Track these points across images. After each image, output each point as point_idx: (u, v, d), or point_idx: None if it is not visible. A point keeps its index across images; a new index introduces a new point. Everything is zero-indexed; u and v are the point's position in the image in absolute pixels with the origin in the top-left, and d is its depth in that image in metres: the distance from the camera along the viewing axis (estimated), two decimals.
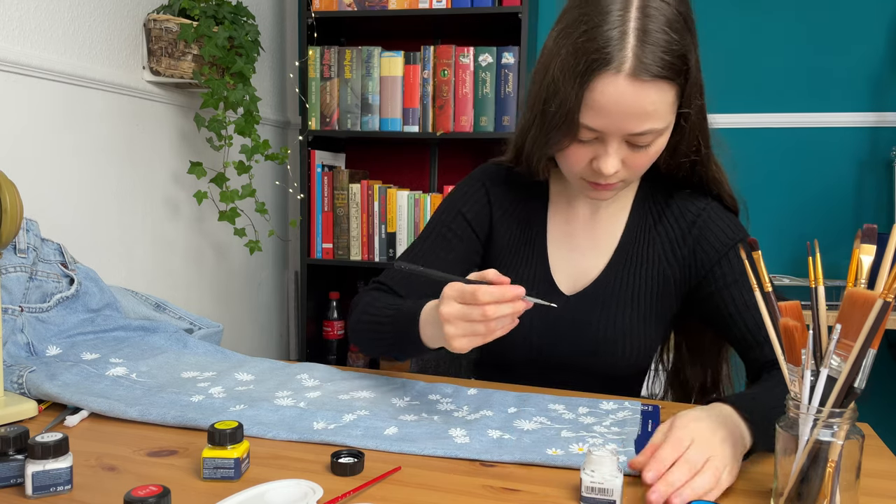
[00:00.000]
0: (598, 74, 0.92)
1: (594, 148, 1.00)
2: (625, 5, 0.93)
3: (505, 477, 0.83)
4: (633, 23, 0.92)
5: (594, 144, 1.00)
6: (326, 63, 2.58)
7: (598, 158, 1.00)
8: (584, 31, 0.94)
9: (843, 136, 2.62)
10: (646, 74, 0.92)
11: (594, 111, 0.95)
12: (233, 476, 0.80)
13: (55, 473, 0.76)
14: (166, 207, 2.14)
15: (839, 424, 0.70)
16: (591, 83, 0.93)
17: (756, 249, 0.81)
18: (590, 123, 0.96)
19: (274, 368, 1.22)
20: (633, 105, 0.94)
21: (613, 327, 1.14)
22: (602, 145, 0.99)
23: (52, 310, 1.25)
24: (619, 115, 0.95)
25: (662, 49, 0.92)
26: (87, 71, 1.77)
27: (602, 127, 0.96)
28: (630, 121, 0.95)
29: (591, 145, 1.00)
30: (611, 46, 0.91)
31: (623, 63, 0.91)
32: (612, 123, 0.96)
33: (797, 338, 0.72)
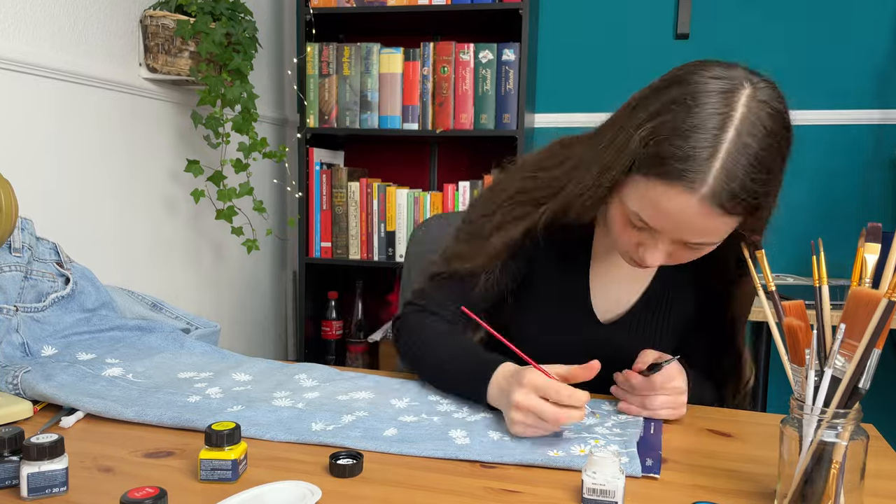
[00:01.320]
0: (672, 183, 0.88)
1: (643, 235, 0.97)
2: (722, 124, 0.86)
3: (506, 478, 0.83)
4: (725, 146, 0.86)
5: (644, 232, 0.97)
6: (325, 60, 2.58)
7: (644, 247, 0.98)
8: (670, 120, 0.88)
9: (847, 133, 2.62)
10: (717, 207, 0.87)
11: (651, 209, 0.92)
12: (230, 478, 0.80)
13: (51, 475, 0.76)
14: (163, 206, 2.14)
15: (843, 425, 0.70)
16: (658, 183, 0.89)
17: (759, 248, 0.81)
18: (644, 217, 0.93)
19: (272, 369, 1.22)
20: (695, 224, 0.90)
21: None
22: (651, 237, 0.97)
23: (48, 309, 1.25)
24: (678, 226, 0.92)
25: (742, 188, 0.87)
26: (82, 68, 1.76)
27: (660, 227, 0.93)
28: (689, 233, 0.93)
29: (641, 232, 0.97)
30: (696, 163, 0.86)
31: (702, 186, 0.86)
32: (668, 228, 0.93)
33: (801, 338, 0.72)
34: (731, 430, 1.02)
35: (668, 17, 2.68)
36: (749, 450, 0.95)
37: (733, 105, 0.87)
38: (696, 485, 0.83)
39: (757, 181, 0.87)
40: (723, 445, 0.96)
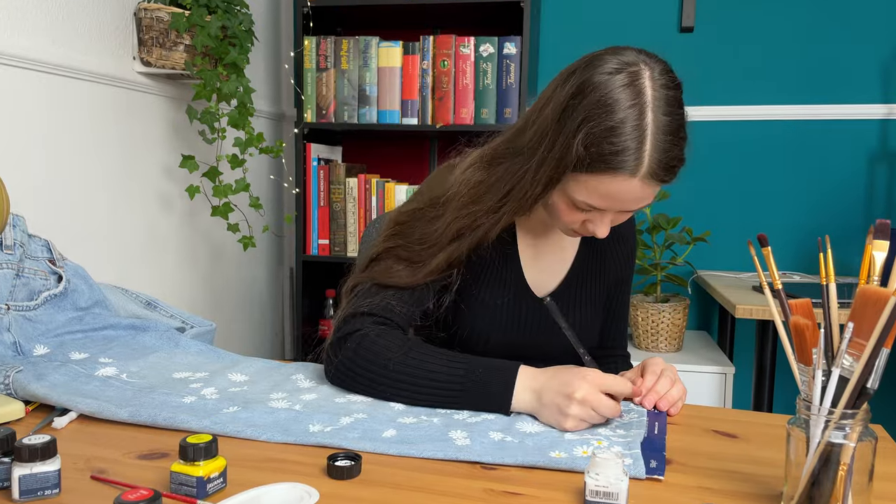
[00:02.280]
0: (613, 173, 1.01)
1: (589, 213, 1.10)
2: (640, 113, 0.99)
3: (507, 480, 0.83)
4: (649, 131, 1.00)
5: (589, 212, 1.10)
6: (323, 53, 2.58)
7: (592, 223, 1.11)
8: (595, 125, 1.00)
9: (853, 128, 2.61)
10: (655, 180, 1.03)
11: (599, 197, 1.05)
12: (195, 495, 0.76)
13: (43, 477, 0.76)
14: (157, 202, 2.14)
15: (851, 426, 0.70)
16: (601, 175, 1.02)
17: (766, 245, 0.81)
18: (594, 204, 1.06)
19: (268, 369, 1.22)
20: (639, 197, 1.05)
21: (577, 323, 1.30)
22: (598, 214, 1.10)
23: (40, 308, 1.25)
24: (623, 203, 1.06)
25: (672, 157, 1.02)
26: (75, 61, 1.76)
27: (606, 207, 1.07)
28: (631, 205, 1.07)
29: (586, 212, 1.10)
30: (628, 154, 0.99)
31: (640, 168, 1.00)
32: (615, 206, 1.07)
33: (808, 337, 0.72)
34: (737, 431, 1.02)
35: (672, 9, 2.68)
36: (755, 451, 0.95)
37: (642, 91, 1.00)
38: (701, 486, 0.83)
39: (679, 146, 1.03)
40: (728, 446, 0.96)
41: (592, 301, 1.33)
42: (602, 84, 1.00)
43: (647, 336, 2.45)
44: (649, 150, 1.00)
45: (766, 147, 2.68)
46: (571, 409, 0.97)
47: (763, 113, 2.66)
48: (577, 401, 0.97)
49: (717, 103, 2.67)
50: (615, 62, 1.02)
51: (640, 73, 1.01)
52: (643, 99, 1.00)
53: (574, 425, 0.97)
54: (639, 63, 1.02)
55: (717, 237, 2.65)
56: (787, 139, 2.66)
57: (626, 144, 0.99)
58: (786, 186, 2.68)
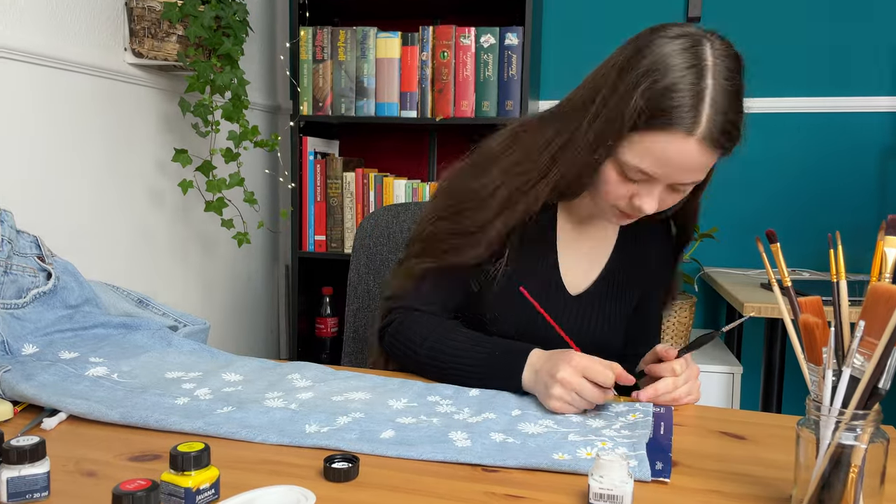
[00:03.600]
0: (670, 130, 1.03)
1: (638, 187, 1.12)
2: (699, 73, 1.03)
3: (508, 483, 0.83)
4: (709, 91, 1.03)
5: (638, 184, 1.11)
6: (319, 44, 2.58)
7: (639, 197, 1.12)
8: (655, 81, 1.03)
9: (864, 121, 2.61)
10: (713, 142, 1.04)
11: (653, 159, 1.06)
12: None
13: (31, 479, 0.76)
14: (149, 197, 2.14)
15: (863, 427, 0.70)
16: (658, 134, 1.04)
17: (774, 242, 0.81)
18: (647, 169, 1.08)
19: (263, 368, 1.22)
20: (694, 163, 1.06)
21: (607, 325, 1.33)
22: (647, 186, 1.11)
23: (29, 306, 1.25)
24: (679, 169, 1.07)
25: (731, 123, 1.05)
26: (64, 52, 1.76)
27: (659, 175, 1.08)
28: (685, 174, 1.08)
29: (636, 184, 1.11)
30: (686, 111, 1.02)
31: (696, 127, 1.02)
32: (669, 174, 1.08)
33: (818, 335, 0.72)
34: (745, 433, 1.02)
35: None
36: (763, 453, 0.95)
37: (703, 57, 1.03)
38: (709, 489, 0.83)
39: (738, 113, 1.06)
40: (736, 448, 0.96)
41: (623, 305, 1.35)
42: (662, 45, 1.04)
43: None
44: (707, 110, 1.02)
45: (774, 140, 2.68)
46: (554, 390, 1.03)
47: (771, 105, 2.65)
48: (558, 381, 1.02)
49: None
50: (677, 30, 1.06)
51: (702, 42, 1.05)
52: (703, 63, 1.03)
53: (557, 406, 1.03)
54: (700, 34, 1.06)
55: (725, 233, 2.65)
56: (796, 132, 2.66)
57: (685, 101, 1.02)
58: (795, 181, 2.67)
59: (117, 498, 0.68)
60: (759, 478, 0.86)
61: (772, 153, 2.68)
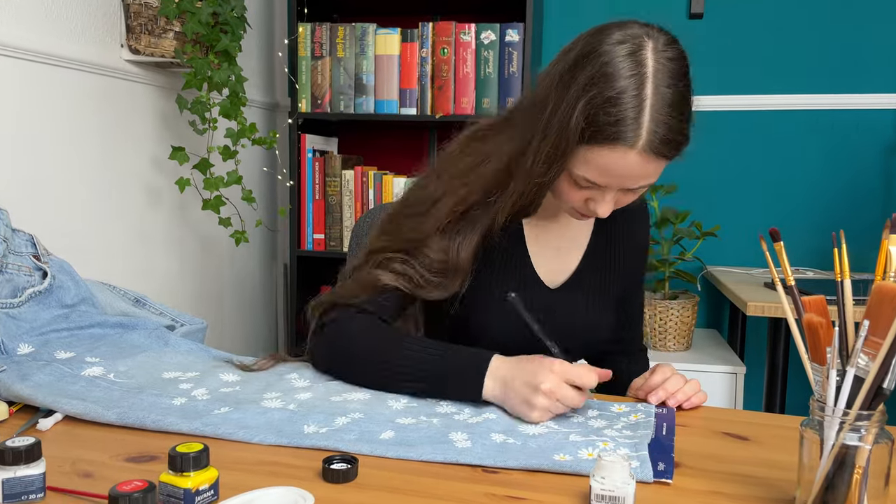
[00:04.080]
0: (611, 145, 1.03)
1: (591, 192, 1.12)
2: (640, 83, 1.01)
3: (509, 484, 0.83)
4: (648, 101, 1.01)
5: (591, 189, 1.11)
6: (317, 41, 2.57)
7: (594, 202, 1.13)
8: (595, 95, 1.02)
9: (869, 118, 2.61)
10: (655, 151, 1.03)
11: (598, 171, 1.07)
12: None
13: (27, 480, 0.76)
14: (146, 195, 2.14)
15: (867, 428, 0.70)
16: (600, 148, 1.04)
17: (778, 240, 0.81)
18: (592, 179, 1.08)
19: None
20: (639, 172, 1.06)
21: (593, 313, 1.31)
22: (599, 191, 1.11)
23: (24, 305, 1.25)
24: (623, 178, 1.07)
25: (673, 131, 1.03)
26: (60, 49, 1.76)
27: (607, 183, 1.08)
28: (633, 181, 1.08)
29: (588, 190, 1.12)
30: (626, 125, 1.01)
31: (637, 141, 1.02)
32: (616, 182, 1.08)
33: (822, 335, 0.72)
34: (748, 433, 1.02)
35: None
36: (767, 454, 0.95)
37: (643, 63, 1.02)
38: (711, 490, 0.83)
39: (680, 119, 1.04)
40: (739, 449, 0.96)
41: (607, 291, 1.33)
42: (604, 54, 1.03)
43: (655, 334, 2.45)
44: (647, 122, 1.01)
45: (778, 138, 2.68)
46: (538, 401, 1.00)
47: (774, 102, 2.65)
48: (543, 392, 1.00)
49: (726, 92, 2.67)
50: (619, 34, 1.05)
51: (643, 45, 1.03)
52: (644, 70, 1.02)
53: (540, 416, 1.01)
54: (642, 35, 1.04)
55: (728, 232, 2.65)
56: (799, 129, 2.66)
57: (625, 114, 1.01)
58: (799, 179, 2.67)
59: (114, 499, 0.68)
60: (763, 479, 0.86)
61: (775, 150, 2.68)
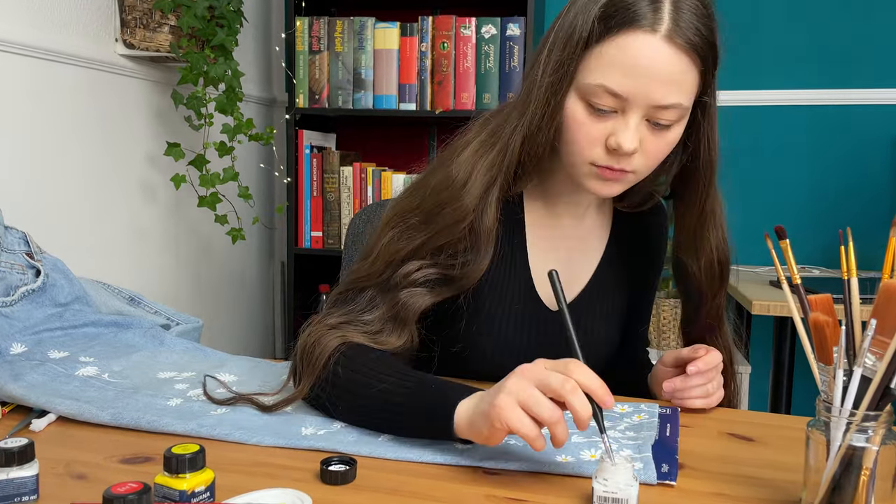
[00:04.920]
0: (632, 30, 0.95)
1: (612, 123, 1.01)
2: None
3: (510, 485, 0.83)
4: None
5: (612, 119, 1.00)
6: (315, 35, 2.57)
7: (615, 134, 1.00)
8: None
9: (877, 113, 2.61)
10: (681, 39, 0.95)
11: (622, 71, 0.97)
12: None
13: (20, 482, 0.75)
14: (141, 192, 2.14)
15: (874, 428, 0.70)
16: (617, 38, 0.96)
17: (784, 238, 0.81)
18: (615, 86, 0.97)
19: (258, 368, 1.22)
20: (665, 69, 0.96)
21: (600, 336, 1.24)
22: (621, 118, 1.00)
23: (17, 304, 1.25)
24: (649, 80, 0.97)
25: (697, 20, 0.97)
26: (53, 43, 1.76)
27: (628, 91, 0.97)
28: (659, 87, 0.97)
29: (609, 120, 1.01)
30: (644, 4, 0.95)
31: (659, 24, 0.95)
32: (640, 87, 0.97)
33: (828, 334, 0.72)
34: (753, 434, 1.01)
35: None
36: (772, 455, 0.94)
37: None
38: (716, 492, 0.83)
39: (706, 17, 0.98)
40: (744, 450, 0.96)
41: (617, 309, 1.27)
42: None
43: (656, 333, 2.45)
44: (669, 7, 0.96)
45: (783, 133, 2.67)
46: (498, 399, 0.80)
47: (780, 98, 2.65)
48: (503, 392, 0.81)
49: (730, 88, 2.66)
50: None
51: None
52: None
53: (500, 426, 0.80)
54: None
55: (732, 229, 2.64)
56: (806, 125, 2.66)
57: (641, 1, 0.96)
58: (805, 175, 2.67)
59: (108, 501, 0.68)
60: (768, 481, 0.86)
61: (781, 146, 2.68)
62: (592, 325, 1.23)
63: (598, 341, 1.24)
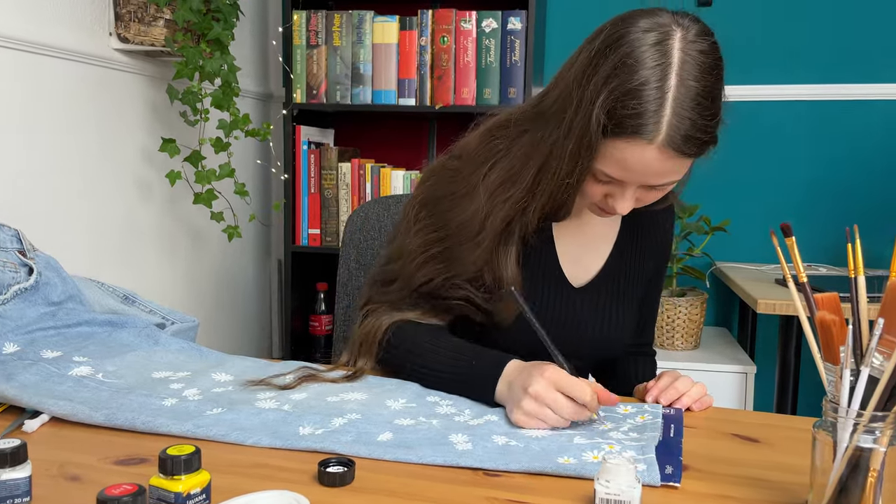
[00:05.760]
0: (631, 139, 1.01)
1: (611, 187, 1.11)
2: (663, 75, 0.99)
3: (511, 488, 0.83)
4: (671, 94, 0.99)
5: (611, 184, 1.10)
6: (313, 29, 2.57)
7: (613, 198, 1.12)
8: (617, 86, 1.00)
9: (884, 109, 2.61)
10: (674, 150, 1.01)
11: (616, 166, 1.05)
12: None
13: (12, 484, 0.76)
14: (136, 189, 2.14)
15: (882, 429, 0.70)
16: (619, 142, 1.02)
17: (790, 235, 0.81)
18: (610, 174, 1.07)
19: (255, 367, 1.22)
20: (657, 169, 1.04)
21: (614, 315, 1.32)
22: (619, 187, 1.10)
23: (9, 303, 1.25)
24: (642, 174, 1.06)
25: (697, 128, 1.01)
26: (47, 37, 1.75)
27: (622, 178, 1.07)
28: (651, 178, 1.07)
29: (608, 185, 1.11)
30: (647, 117, 1.00)
31: (656, 136, 1.00)
32: (632, 178, 1.07)
33: (835, 333, 0.72)
34: (759, 435, 1.02)
35: None
36: (778, 456, 0.95)
37: (669, 53, 1.00)
38: (721, 494, 0.83)
39: (705, 116, 1.02)
40: (749, 451, 0.96)
41: (630, 293, 1.33)
42: (627, 43, 1.01)
43: (662, 333, 2.45)
44: (669, 116, 0.99)
45: (789, 129, 2.67)
46: (524, 403, 0.99)
47: (786, 93, 2.65)
48: (529, 395, 0.99)
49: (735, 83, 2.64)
50: (645, 22, 1.02)
51: (671, 34, 1.01)
52: (669, 60, 1.00)
53: (523, 420, 0.99)
54: (671, 23, 1.02)
55: (738, 226, 2.65)
56: (812, 121, 2.66)
57: (645, 107, 0.99)
58: (811, 172, 2.67)
59: (102, 503, 0.68)
60: (774, 482, 0.86)
61: (788, 142, 2.67)
62: (611, 307, 1.31)
63: (621, 321, 1.32)
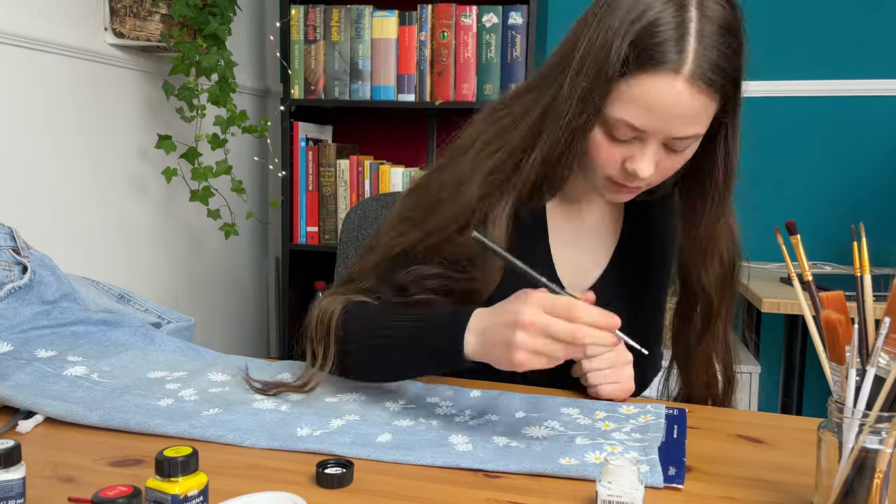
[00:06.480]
0: (656, 71, 0.97)
1: (629, 148, 1.05)
2: (682, 4, 0.97)
3: (512, 489, 0.83)
4: (693, 24, 0.97)
5: (630, 145, 1.04)
6: (311, 24, 2.57)
7: (632, 160, 1.04)
8: (636, 19, 0.97)
9: (890, 105, 2.60)
10: (702, 81, 0.97)
11: (641, 109, 0.99)
12: None
13: (6, 486, 0.75)
14: (131, 186, 2.14)
15: (888, 430, 0.70)
16: (642, 77, 0.98)
17: (795, 233, 0.81)
18: (634, 122, 1.01)
19: (252, 367, 1.22)
20: (686, 108, 0.99)
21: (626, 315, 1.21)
22: (640, 146, 1.04)
23: (3, 302, 1.25)
24: (668, 117, 1.00)
25: (721, 56, 0.98)
26: (40, 32, 1.75)
27: (647, 126, 1.01)
28: (679, 123, 1.01)
29: (627, 145, 1.04)
30: (670, 46, 0.96)
31: (683, 64, 0.96)
32: (658, 124, 1.00)
33: (841, 333, 0.72)
34: (763, 436, 1.02)
35: None
36: (783, 457, 0.95)
37: None
38: (725, 496, 0.83)
39: (732, 46, 0.99)
40: (754, 452, 0.96)
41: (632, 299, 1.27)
42: None
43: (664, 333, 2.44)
44: (693, 43, 0.96)
45: (794, 126, 2.67)
46: (517, 338, 0.89)
47: (790, 89, 2.65)
48: (521, 325, 0.89)
49: None
50: None
51: None
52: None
53: (526, 358, 0.90)
54: None
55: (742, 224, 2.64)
56: (817, 117, 2.65)
57: (667, 36, 0.96)
58: (816, 169, 2.67)
59: None
60: (778, 484, 0.86)
61: (792, 139, 2.67)
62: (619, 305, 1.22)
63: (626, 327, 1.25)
